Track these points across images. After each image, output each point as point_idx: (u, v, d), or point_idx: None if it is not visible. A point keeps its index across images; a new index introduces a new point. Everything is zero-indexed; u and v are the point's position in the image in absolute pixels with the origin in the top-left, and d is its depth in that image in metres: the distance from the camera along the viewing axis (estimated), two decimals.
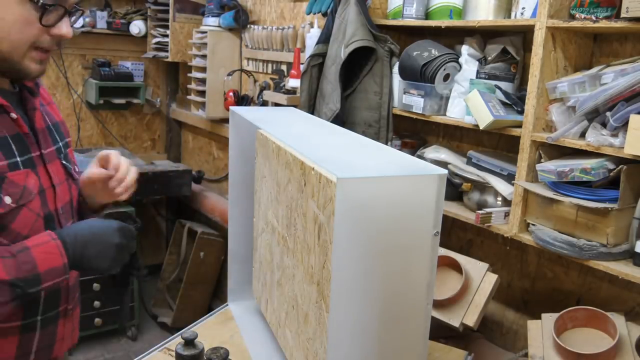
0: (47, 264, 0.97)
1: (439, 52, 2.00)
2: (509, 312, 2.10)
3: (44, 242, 0.99)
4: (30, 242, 0.99)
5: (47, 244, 0.99)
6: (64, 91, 3.99)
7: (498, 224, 1.82)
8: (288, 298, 1.37)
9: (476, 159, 1.96)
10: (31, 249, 0.97)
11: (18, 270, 0.94)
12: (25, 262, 0.95)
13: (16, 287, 0.94)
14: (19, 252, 0.96)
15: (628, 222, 1.52)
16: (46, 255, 0.98)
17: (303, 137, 1.47)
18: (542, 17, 1.61)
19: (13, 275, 0.93)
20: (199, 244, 3.54)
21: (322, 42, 2.30)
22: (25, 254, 0.96)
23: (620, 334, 1.48)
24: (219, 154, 3.88)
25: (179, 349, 1.36)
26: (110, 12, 3.96)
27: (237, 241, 1.86)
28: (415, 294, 1.15)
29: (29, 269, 0.95)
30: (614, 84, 1.46)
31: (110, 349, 3.46)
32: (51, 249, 0.99)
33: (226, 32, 3.36)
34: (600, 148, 1.47)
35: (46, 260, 0.97)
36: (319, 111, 2.27)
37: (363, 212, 1.07)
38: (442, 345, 1.74)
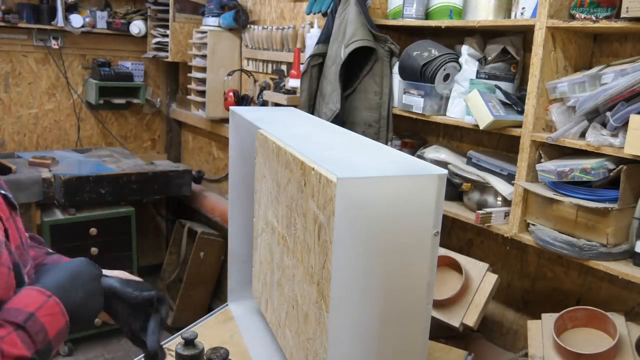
0: (55, 327, 0.86)
1: (439, 52, 2.00)
2: (509, 312, 2.10)
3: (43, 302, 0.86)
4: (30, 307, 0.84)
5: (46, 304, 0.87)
6: (64, 91, 3.99)
7: (498, 224, 1.82)
8: (288, 298, 1.37)
9: (476, 159, 1.96)
10: (36, 314, 0.84)
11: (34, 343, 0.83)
12: (36, 332, 0.83)
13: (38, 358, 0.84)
14: (27, 320, 0.83)
15: (628, 222, 1.52)
16: (52, 318, 0.86)
17: (303, 137, 1.47)
18: (542, 17, 1.61)
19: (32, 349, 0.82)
20: (199, 244, 3.54)
21: (322, 42, 2.30)
22: (34, 322, 0.83)
23: (620, 334, 1.48)
24: (219, 154, 3.88)
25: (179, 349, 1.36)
26: (110, 12, 3.96)
27: (237, 241, 1.86)
28: (415, 294, 1.15)
29: (42, 339, 0.84)
30: (614, 84, 1.46)
31: (110, 349, 3.46)
32: (52, 309, 0.87)
33: (226, 32, 3.36)
34: (600, 148, 1.47)
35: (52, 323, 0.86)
36: (319, 111, 2.27)
37: (363, 212, 1.07)
38: (442, 345, 1.74)
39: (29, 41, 3.77)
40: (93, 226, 3.27)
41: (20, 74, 3.80)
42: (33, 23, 3.64)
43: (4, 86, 3.77)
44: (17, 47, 3.75)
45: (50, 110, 3.96)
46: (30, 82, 3.85)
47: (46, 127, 3.97)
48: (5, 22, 3.54)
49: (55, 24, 3.67)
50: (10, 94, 3.80)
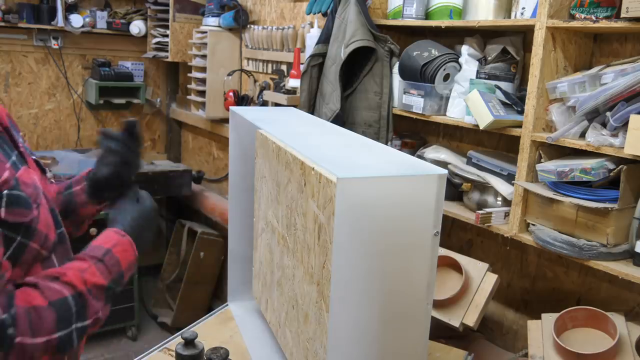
0: (126, 260, 1.01)
1: (439, 52, 2.00)
2: (509, 312, 2.10)
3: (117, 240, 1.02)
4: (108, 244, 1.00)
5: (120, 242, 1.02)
6: (64, 91, 3.99)
7: (498, 224, 1.82)
8: (288, 298, 1.37)
9: (476, 159, 1.96)
10: (112, 251, 0.99)
11: (110, 274, 0.96)
12: (113, 264, 0.98)
13: (110, 289, 0.96)
14: (105, 255, 0.98)
15: (628, 222, 1.52)
16: (124, 254, 1.01)
17: (303, 137, 1.47)
18: (542, 17, 1.61)
19: (108, 279, 0.96)
20: (199, 243, 3.54)
21: (322, 42, 2.30)
22: (110, 257, 0.98)
23: (620, 334, 1.48)
24: (219, 154, 3.88)
25: (179, 349, 1.36)
26: (110, 12, 3.96)
27: (237, 241, 1.86)
28: (415, 294, 1.15)
29: (117, 270, 0.98)
30: (614, 84, 1.46)
31: (110, 349, 3.46)
32: (125, 246, 1.03)
33: (226, 32, 3.36)
34: (600, 148, 1.47)
35: (125, 258, 1.01)
36: (319, 111, 2.27)
37: (363, 212, 1.07)
38: (442, 345, 1.74)
39: (29, 41, 3.77)
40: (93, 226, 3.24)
41: (20, 74, 3.80)
42: (33, 23, 3.64)
43: (4, 86, 3.77)
44: (17, 47, 3.75)
45: (50, 110, 3.96)
46: (30, 82, 3.85)
47: (46, 127, 3.97)
48: (6, 22, 3.54)
49: (55, 24, 3.67)
50: (10, 94, 3.80)
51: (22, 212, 0.89)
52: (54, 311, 0.85)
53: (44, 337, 0.82)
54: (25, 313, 0.81)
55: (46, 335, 0.83)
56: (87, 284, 0.92)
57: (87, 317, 0.90)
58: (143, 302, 3.78)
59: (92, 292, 0.92)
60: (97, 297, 0.93)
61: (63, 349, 0.86)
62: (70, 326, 0.87)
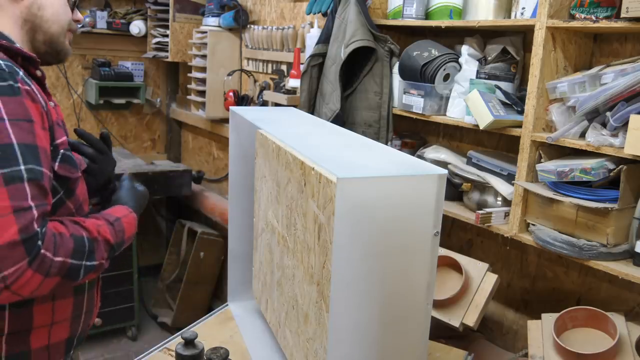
0: (130, 232, 1.18)
1: (439, 52, 2.00)
2: (509, 312, 2.10)
3: (127, 214, 1.20)
4: (118, 214, 1.18)
5: (128, 215, 1.21)
6: (64, 91, 3.99)
7: (498, 224, 1.82)
8: (288, 298, 1.37)
9: (476, 159, 1.96)
10: (122, 220, 1.17)
11: (116, 236, 1.12)
12: (119, 230, 1.14)
13: (113, 250, 1.11)
14: (115, 221, 1.15)
15: (628, 222, 1.52)
16: (129, 226, 1.18)
17: (303, 137, 1.47)
18: (542, 17, 1.61)
19: (114, 240, 1.11)
20: (199, 244, 3.54)
21: (322, 42, 2.30)
22: (119, 224, 1.15)
23: (620, 334, 1.48)
24: (219, 154, 3.88)
25: (179, 349, 1.36)
26: (110, 12, 3.96)
27: (237, 241, 1.86)
28: (415, 294, 1.15)
29: (121, 236, 1.14)
30: (614, 84, 1.46)
31: (110, 349, 3.46)
32: (132, 220, 1.21)
33: (226, 32, 3.36)
34: (600, 148, 1.47)
35: (129, 229, 1.18)
36: (319, 111, 2.27)
37: (363, 212, 1.07)
38: (442, 345, 1.74)
39: None
40: None
41: None
42: None
43: None
44: None
45: None
46: None
47: None
48: None
49: None
50: None
51: (71, 170, 1.11)
52: (73, 241, 1.00)
53: (61, 258, 0.97)
54: (52, 234, 0.96)
55: (63, 256, 0.97)
56: (101, 235, 1.08)
57: (95, 259, 1.05)
58: (143, 302, 3.78)
59: (103, 243, 1.08)
60: (106, 249, 1.09)
61: (71, 276, 1.00)
62: (81, 260, 1.01)
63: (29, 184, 0.94)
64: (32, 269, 0.92)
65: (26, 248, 0.91)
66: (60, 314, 1.15)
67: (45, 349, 1.13)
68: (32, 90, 1.03)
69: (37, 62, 1.15)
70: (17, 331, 1.09)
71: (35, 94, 1.03)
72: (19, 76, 1.01)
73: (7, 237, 0.89)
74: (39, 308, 1.11)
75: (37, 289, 0.95)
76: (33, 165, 0.95)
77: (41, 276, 0.94)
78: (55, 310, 1.14)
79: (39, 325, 1.11)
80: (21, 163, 0.94)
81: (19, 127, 0.96)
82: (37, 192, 0.95)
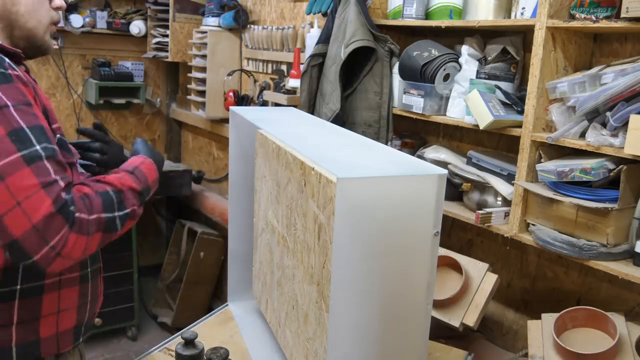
0: (152, 176, 1.24)
1: (439, 52, 2.00)
2: (509, 312, 2.10)
3: (143, 160, 1.25)
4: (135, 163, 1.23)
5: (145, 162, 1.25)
6: (64, 91, 3.99)
7: (498, 224, 1.82)
8: (288, 298, 1.37)
9: (476, 159, 1.96)
10: (140, 166, 1.22)
11: (140, 182, 1.18)
12: (141, 176, 1.20)
13: (142, 195, 1.17)
14: (134, 169, 1.20)
15: (628, 222, 1.52)
16: (149, 170, 1.24)
17: (303, 137, 1.47)
18: (542, 17, 1.61)
19: (140, 186, 1.17)
20: (199, 244, 3.54)
21: (322, 42, 2.30)
22: (139, 170, 1.21)
23: (620, 334, 1.48)
24: (219, 154, 3.88)
25: (179, 349, 1.36)
26: (110, 12, 3.96)
27: (237, 241, 1.86)
28: (415, 294, 1.15)
29: (144, 181, 1.20)
30: (614, 84, 1.46)
31: (110, 349, 3.46)
32: (150, 165, 1.26)
33: (226, 32, 3.36)
34: (600, 148, 1.47)
35: (150, 174, 1.24)
36: (319, 111, 2.27)
37: (363, 212, 1.07)
38: (442, 345, 1.74)
39: None
40: None
41: None
42: None
43: None
44: None
45: None
46: None
47: None
48: None
49: None
50: None
51: (66, 155, 1.11)
52: (100, 197, 1.06)
53: (95, 215, 1.03)
54: (79, 197, 1.01)
55: (97, 213, 1.03)
56: (124, 185, 1.13)
57: (126, 207, 1.11)
58: (143, 302, 3.77)
59: (129, 192, 1.13)
60: (134, 197, 1.14)
61: (110, 229, 1.06)
62: (113, 212, 1.07)
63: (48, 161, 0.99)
64: (75, 232, 0.98)
65: (63, 216, 0.97)
66: (67, 302, 1.19)
67: (54, 337, 1.17)
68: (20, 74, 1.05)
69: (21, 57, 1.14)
70: (26, 320, 1.12)
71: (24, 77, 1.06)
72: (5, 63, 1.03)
73: (44, 210, 0.95)
74: (46, 297, 1.15)
75: (86, 248, 1.02)
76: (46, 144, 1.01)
77: (84, 236, 1.00)
78: (61, 299, 1.17)
79: (47, 313, 1.15)
80: (36, 143, 0.99)
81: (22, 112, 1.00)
82: (57, 167, 1.00)
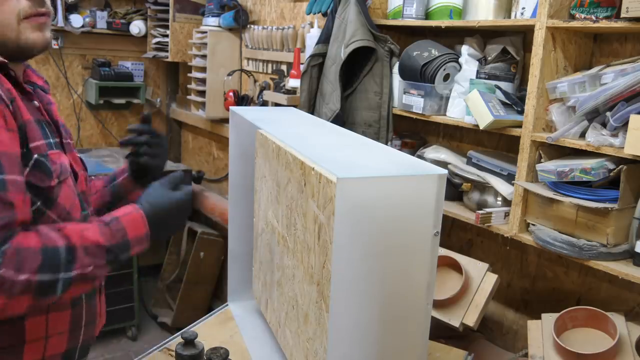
0: (134, 232, 1.05)
1: (439, 52, 2.00)
2: (509, 312, 2.10)
3: (129, 211, 1.07)
4: (119, 213, 1.07)
5: (131, 214, 1.07)
6: (64, 91, 3.99)
7: (498, 224, 1.82)
8: (288, 298, 1.37)
9: (476, 159, 1.96)
10: (120, 218, 1.05)
11: (112, 237, 1.02)
12: (117, 229, 1.03)
13: (111, 252, 1.01)
14: (111, 221, 1.04)
15: (628, 222, 1.52)
16: (132, 223, 1.05)
17: (303, 137, 1.47)
18: (542, 17, 1.61)
19: (109, 241, 1.01)
20: (199, 244, 3.54)
21: (322, 42, 2.30)
22: (117, 223, 1.04)
23: (620, 334, 1.48)
24: (219, 154, 3.88)
25: (179, 349, 1.36)
26: (110, 12, 3.96)
27: (237, 241, 1.86)
28: (415, 294, 1.15)
29: (121, 236, 1.03)
30: (614, 84, 1.46)
31: (110, 349, 3.46)
32: (136, 218, 1.07)
33: (226, 32, 3.36)
34: (600, 148, 1.47)
35: (133, 228, 1.05)
36: (319, 111, 2.27)
37: (363, 212, 1.07)
38: (442, 345, 1.74)
39: None
40: None
41: None
42: None
43: None
44: None
45: None
46: None
47: None
48: None
49: (55, 24, 3.67)
50: None
51: (42, 178, 1.01)
52: (40, 255, 0.91)
53: (26, 275, 0.88)
54: (13, 251, 0.88)
55: (28, 273, 0.89)
56: (84, 240, 0.98)
57: (72, 270, 0.95)
58: (143, 302, 3.77)
59: (88, 248, 0.98)
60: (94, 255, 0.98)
61: (44, 293, 0.92)
62: (55, 273, 0.92)
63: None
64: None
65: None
66: (56, 326, 1.10)
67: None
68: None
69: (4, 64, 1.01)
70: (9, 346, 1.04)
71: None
72: None
73: None
74: (31, 321, 1.05)
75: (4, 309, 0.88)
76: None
77: (3, 297, 0.86)
78: (49, 323, 1.08)
79: (32, 339, 1.06)
80: None
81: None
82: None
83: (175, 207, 1.13)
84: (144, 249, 1.09)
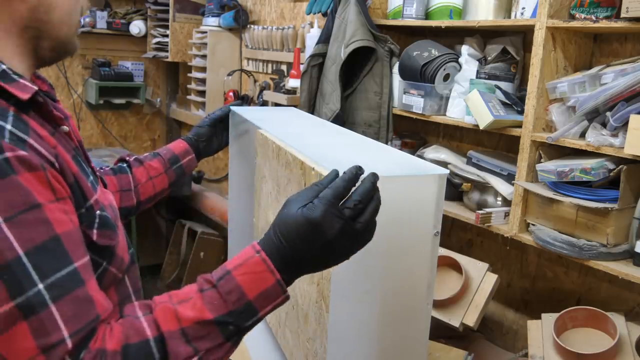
0: (255, 286, 0.77)
1: (439, 52, 2.00)
2: (509, 312, 2.10)
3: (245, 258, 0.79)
4: (230, 265, 0.79)
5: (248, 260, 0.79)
6: (64, 91, 3.99)
7: (498, 224, 1.82)
8: None
9: (476, 159, 1.96)
10: (232, 272, 0.77)
11: (224, 303, 0.76)
12: (229, 291, 0.76)
13: (226, 324, 0.76)
14: (220, 279, 0.77)
15: (628, 222, 1.52)
16: (249, 276, 0.77)
17: (303, 137, 1.47)
18: (542, 17, 1.61)
19: (218, 311, 0.75)
20: (199, 244, 3.54)
21: (322, 42, 2.30)
22: (227, 281, 0.77)
23: (620, 334, 1.48)
24: (218, 154, 3.87)
25: None
26: (110, 12, 3.96)
27: (237, 241, 1.86)
28: (415, 294, 1.15)
29: (236, 298, 0.76)
30: (614, 84, 1.46)
31: None
32: (254, 267, 0.78)
33: (226, 32, 3.36)
34: (600, 148, 1.47)
35: (252, 281, 0.77)
36: (319, 111, 2.27)
37: None
38: (442, 345, 1.74)
39: None
40: None
41: None
42: None
43: None
44: None
45: None
46: None
47: None
48: None
49: None
50: None
51: (110, 235, 0.84)
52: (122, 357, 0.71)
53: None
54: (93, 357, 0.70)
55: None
56: (182, 322, 0.74)
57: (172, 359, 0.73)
58: None
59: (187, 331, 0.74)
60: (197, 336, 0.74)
61: None
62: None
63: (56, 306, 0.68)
64: None
65: None
66: None
67: None
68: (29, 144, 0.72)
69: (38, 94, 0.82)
70: None
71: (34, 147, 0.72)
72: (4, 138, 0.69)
73: None
74: None
75: None
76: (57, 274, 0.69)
77: None
78: None
79: None
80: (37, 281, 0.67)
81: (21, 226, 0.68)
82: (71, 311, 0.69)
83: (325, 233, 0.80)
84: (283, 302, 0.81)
